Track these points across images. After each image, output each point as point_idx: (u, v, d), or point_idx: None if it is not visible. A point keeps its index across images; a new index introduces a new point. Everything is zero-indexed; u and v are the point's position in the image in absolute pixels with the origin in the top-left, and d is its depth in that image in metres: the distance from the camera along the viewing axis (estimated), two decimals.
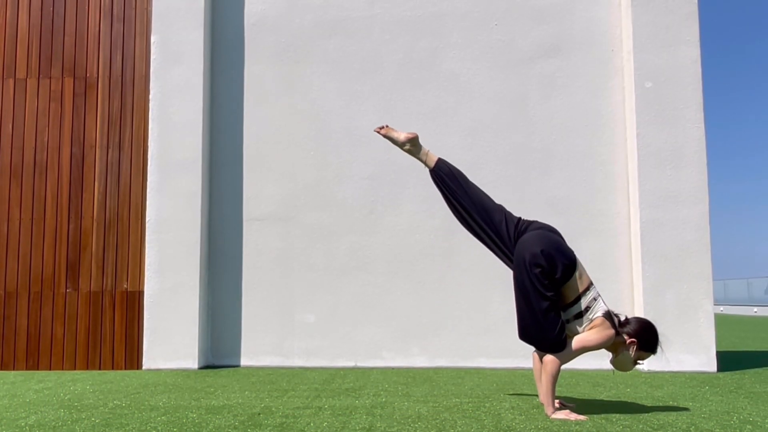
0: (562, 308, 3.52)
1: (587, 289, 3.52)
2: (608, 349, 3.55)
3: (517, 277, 3.54)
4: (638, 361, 3.55)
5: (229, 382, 4.94)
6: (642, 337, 3.50)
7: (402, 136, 3.89)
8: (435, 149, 6.00)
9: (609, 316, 3.49)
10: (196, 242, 5.91)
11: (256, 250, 6.10)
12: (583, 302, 3.49)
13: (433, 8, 6.24)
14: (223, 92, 6.27)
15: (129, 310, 5.93)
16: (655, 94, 5.78)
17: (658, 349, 3.54)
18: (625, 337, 3.50)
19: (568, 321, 3.52)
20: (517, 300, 3.56)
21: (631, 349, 3.49)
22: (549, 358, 3.47)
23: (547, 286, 3.43)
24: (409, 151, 3.91)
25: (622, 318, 3.59)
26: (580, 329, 3.50)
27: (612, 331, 3.46)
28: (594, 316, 3.48)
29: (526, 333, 3.55)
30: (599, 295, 3.58)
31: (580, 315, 3.49)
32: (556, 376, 3.46)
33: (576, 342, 3.47)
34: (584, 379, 5.03)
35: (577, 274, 3.50)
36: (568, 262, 3.48)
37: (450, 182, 3.77)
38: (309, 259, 6.07)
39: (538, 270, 3.44)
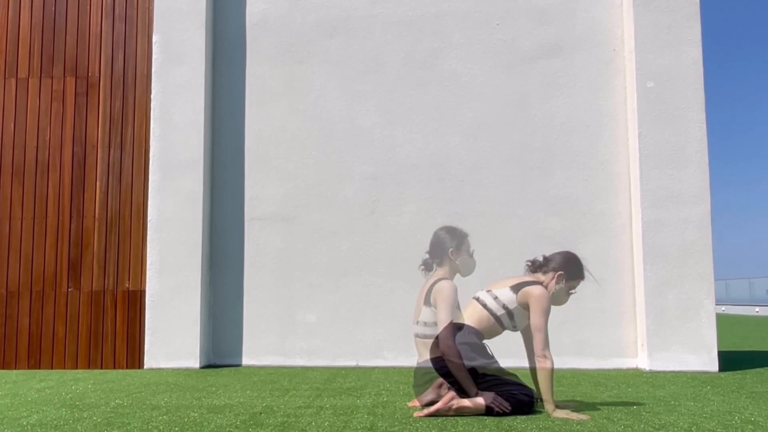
0: (484, 335, 3.60)
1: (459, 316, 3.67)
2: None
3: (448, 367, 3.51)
4: (570, 291, 3.65)
5: (231, 381, 4.94)
6: (566, 267, 3.61)
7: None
8: (437, 149, 6.10)
9: (481, 298, 3.61)
10: (197, 242, 5.91)
11: (257, 250, 6.10)
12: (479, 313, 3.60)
13: (434, 8, 6.24)
14: (224, 92, 6.28)
15: (131, 309, 5.94)
16: (656, 94, 5.78)
17: (586, 274, 3.65)
18: (551, 273, 3.59)
19: (515, 328, 3.62)
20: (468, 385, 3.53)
21: (561, 282, 3.59)
22: (539, 356, 3.47)
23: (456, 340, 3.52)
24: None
25: (540, 259, 3.66)
26: (518, 317, 3.56)
27: (538, 290, 3.50)
28: (500, 310, 3.54)
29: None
30: (459, 308, 3.75)
31: (499, 319, 3.56)
32: (550, 372, 3.46)
33: (539, 330, 3.48)
34: (586, 379, 5.03)
35: (457, 312, 3.72)
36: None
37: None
38: (310, 259, 6.07)
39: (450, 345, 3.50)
